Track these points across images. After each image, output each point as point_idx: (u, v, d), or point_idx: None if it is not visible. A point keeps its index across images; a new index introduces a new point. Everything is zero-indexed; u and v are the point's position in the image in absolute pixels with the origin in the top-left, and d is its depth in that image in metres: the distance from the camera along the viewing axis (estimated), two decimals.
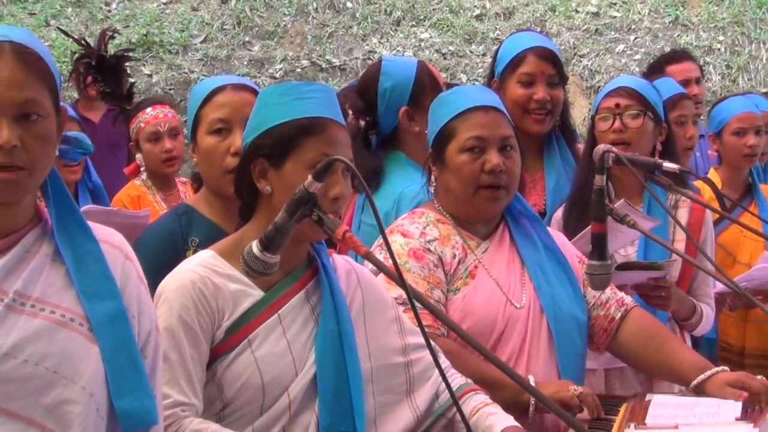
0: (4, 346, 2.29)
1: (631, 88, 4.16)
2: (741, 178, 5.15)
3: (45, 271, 2.41)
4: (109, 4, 11.67)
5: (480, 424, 2.90)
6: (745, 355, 4.85)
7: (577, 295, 3.51)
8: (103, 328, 2.39)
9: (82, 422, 2.34)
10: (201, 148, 3.40)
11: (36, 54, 2.38)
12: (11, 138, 2.28)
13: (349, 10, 11.72)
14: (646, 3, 11.72)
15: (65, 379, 2.33)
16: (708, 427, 2.83)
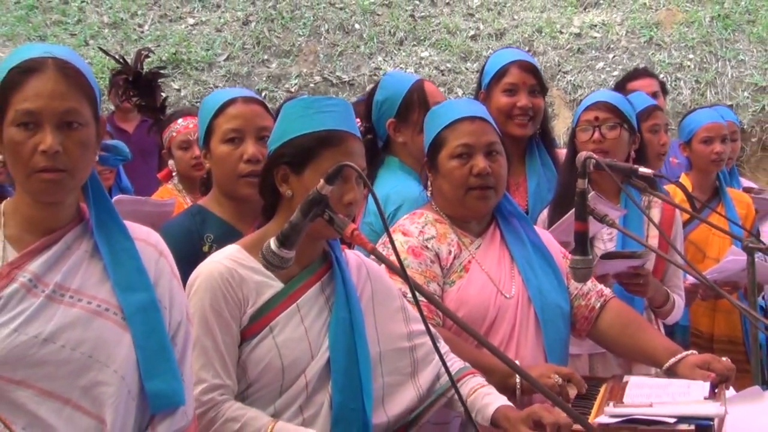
0: (44, 332, 2.31)
1: (608, 103, 4.18)
2: (709, 182, 5.16)
3: (84, 266, 2.42)
4: (142, 26, 11.66)
5: (477, 403, 2.90)
6: (714, 340, 4.85)
7: (561, 287, 3.52)
8: (135, 317, 2.40)
9: (114, 402, 2.35)
10: (215, 155, 3.40)
11: (76, 68, 2.39)
12: (54, 144, 2.30)
13: (357, 31, 11.71)
14: (623, 25, 11.70)
15: (99, 363, 2.35)
16: (679, 405, 2.83)
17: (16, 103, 2.33)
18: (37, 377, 2.32)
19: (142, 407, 2.42)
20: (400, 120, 4.07)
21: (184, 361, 2.51)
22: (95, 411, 2.35)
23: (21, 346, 2.30)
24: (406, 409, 2.97)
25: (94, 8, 12.06)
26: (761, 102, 10.69)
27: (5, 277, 2.34)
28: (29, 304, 2.34)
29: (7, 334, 2.30)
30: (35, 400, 2.31)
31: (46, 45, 2.48)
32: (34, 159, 2.31)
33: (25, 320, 2.32)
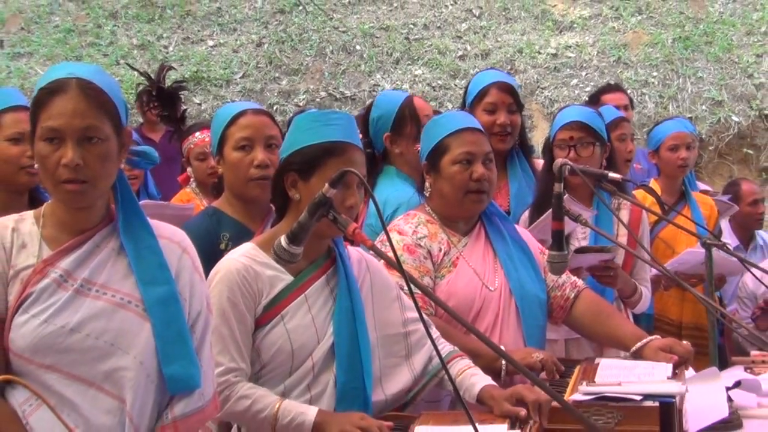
0: (71, 323, 2.33)
1: (582, 122, 4.16)
2: (676, 186, 5.16)
3: (110, 262, 2.43)
4: (167, 47, 11.66)
5: (464, 383, 2.91)
6: (682, 327, 4.86)
7: (539, 279, 3.52)
8: (155, 308, 2.40)
9: (134, 385, 2.36)
10: (228, 161, 3.41)
11: (98, 88, 2.39)
12: (75, 158, 2.31)
13: (358, 52, 11.71)
14: (595, 46, 11.70)
15: (120, 350, 2.36)
16: (645, 384, 2.83)
17: (42, 120, 2.34)
18: (64, 363, 2.33)
19: (161, 389, 2.42)
20: (395, 133, 4.11)
21: (203, 347, 2.51)
22: (116, 393, 2.36)
23: (50, 336, 2.32)
24: (402, 389, 2.98)
25: (125, 32, 12.07)
26: (717, 115, 10.69)
27: (39, 273, 2.35)
28: (59, 297, 2.35)
29: (37, 324, 2.31)
30: (63, 382, 2.33)
31: (73, 65, 2.46)
32: (59, 171, 2.32)
33: (54, 312, 2.33)
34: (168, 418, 2.41)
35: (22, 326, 2.31)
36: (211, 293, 2.74)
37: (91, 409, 2.33)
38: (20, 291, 2.34)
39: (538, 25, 12.29)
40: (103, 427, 2.33)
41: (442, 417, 2.75)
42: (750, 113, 10.85)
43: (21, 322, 2.31)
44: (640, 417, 2.65)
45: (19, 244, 2.39)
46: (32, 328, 2.31)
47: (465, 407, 2.19)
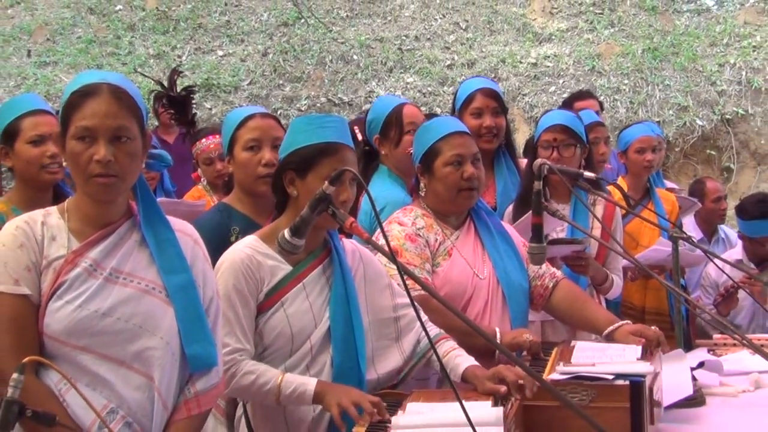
0: (103, 308, 2.34)
1: (564, 125, 4.17)
2: (641, 184, 5.15)
3: (134, 253, 2.45)
4: (180, 57, 11.65)
5: (450, 363, 2.91)
6: (645, 312, 4.86)
7: (522, 269, 3.53)
8: (177, 294, 2.43)
9: (161, 363, 2.38)
10: (237, 161, 3.41)
11: (126, 92, 2.41)
12: (107, 155, 2.32)
13: (355, 61, 11.71)
14: (571, 56, 11.71)
15: (148, 332, 2.38)
16: (616, 365, 2.83)
17: (76, 121, 2.35)
18: (97, 344, 2.34)
19: (183, 367, 2.45)
20: (382, 136, 4.11)
21: (216, 329, 2.54)
22: (145, 370, 2.38)
23: (84, 320, 2.33)
24: (393, 369, 2.98)
25: (142, 42, 12.06)
26: (683, 119, 10.71)
27: (70, 263, 2.36)
28: (90, 284, 2.36)
29: (72, 309, 2.33)
30: (96, 362, 2.34)
31: (102, 72, 2.51)
32: (91, 166, 2.34)
33: (87, 298, 2.34)
34: (191, 393, 2.45)
35: (57, 312, 2.32)
36: (218, 281, 2.75)
37: (122, 386, 2.35)
38: (53, 280, 2.35)
39: (519, 37, 12.30)
40: (134, 401, 2.36)
41: (432, 394, 2.74)
42: (713, 117, 10.87)
43: (56, 308, 2.33)
44: (612, 395, 2.65)
45: (50, 237, 2.39)
46: (67, 313, 2.32)
47: (452, 386, 2.19)
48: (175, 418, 2.42)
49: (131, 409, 2.35)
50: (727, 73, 11.31)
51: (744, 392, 3.51)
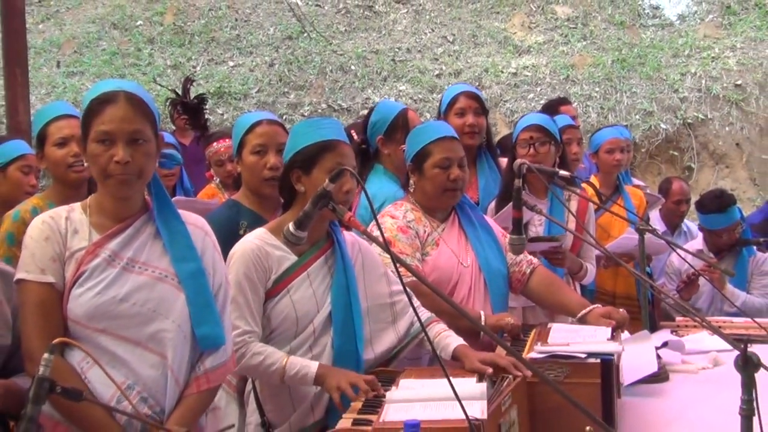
0: (120, 294, 2.35)
1: (539, 125, 4.18)
2: (612, 181, 5.15)
3: (149, 244, 2.45)
4: (195, 67, 11.65)
5: (441, 343, 2.90)
6: (615, 296, 4.86)
7: (502, 258, 3.52)
8: (187, 281, 2.43)
9: (173, 344, 2.38)
10: (245, 163, 3.39)
11: (140, 99, 2.42)
12: (125, 156, 2.34)
13: (352, 71, 11.71)
14: (548, 66, 11.72)
15: (161, 316, 2.38)
16: (588, 344, 2.82)
17: (96, 125, 2.35)
18: (115, 327, 2.34)
19: (194, 347, 2.45)
20: (386, 137, 4.08)
21: (224, 312, 2.54)
22: (159, 350, 2.38)
23: (103, 305, 2.33)
24: (388, 348, 2.98)
25: (160, 54, 12.05)
26: (649, 123, 10.73)
27: (91, 254, 2.37)
28: (109, 273, 2.36)
29: (92, 296, 2.33)
30: (114, 343, 2.34)
31: (118, 81, 2.52)
32: (110, 166, 2.34)
33: (105, 285, 2.35)
34: (201, 370, 2.45)
35: (78, 297, 2.33)
36: (230, 269, 2.76)
37: (139, 364, 2.35)
38: (75, 269, 2.35)
39: (501, 49, 12.31)
40: (149, 378, 2.36)
41: (422, 372, 2.74)
42: (675, 122, 10.89)
43: (78, 294, 2.33)
44: (585, 371, 2.64)
45: (72, 230, 2.40)
46: (88, 298, 2.32)
47: (441, 364, 2.19)
48: (187, 393, 2.42)
49: (147, 386, 2.36)
50: (689, 81, 11.33)
51: (704, 369, 3.52)
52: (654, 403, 3.09)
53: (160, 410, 2.37)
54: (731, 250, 5.26)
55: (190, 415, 2.40)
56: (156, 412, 2.36)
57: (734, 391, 2.09)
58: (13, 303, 2.51)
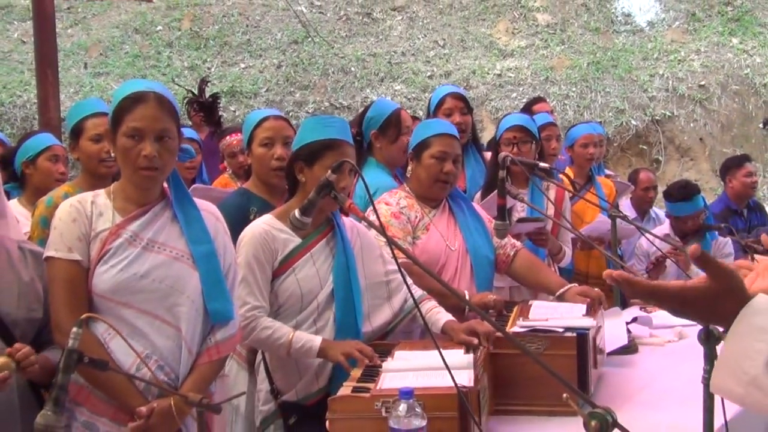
0: (141, 271, 2.36)
1: (522, 126, 4.17)
2: (585, 173, 5.14)
3: (167, 227, 2.46)
4: (210, 69, 11.64)
5: (431, 318, 2.89)
6: (589, 276, 4.85)
7: (488, 242, 3.50)
8: (201, 261, 2.44)
9: (188, 317, 2.40)
10: (255, 155, 3.40)
11: (168, 100, 2.43)
12: (153, 151, 2.35)
13: (352, 72, 11.69)
14: (529, 68, 11.71)
15: (177, 291, 2.39)
16: (566, 320, 2.82)
17: (127, 121, 2.36)
18: (136, 301, 2.35)
19: (206, 321, 2.46)
20: (380, 132, 4.04)
21: (233, 290, 2.55)
22: (175, 323, 2.39)
23: (125, 281, 2.34)
24: (384, 322, 2.97)
25: (178, 57, 12.03)
26: (620, 119, 10.75)
27: (114, 234, 2.38)
28: (130, 252, 2.37)
29: (115, 272, 2.34)
30: (134, 316, 2.35)
31: (146, 81, 2.52)
32: (138, 160, 2.35)
33: (127, 263, 2.36)
34: (212, 341, 2.46)
35: (103, 274, 2.33)
36: (240, 250, 2.76)
37: (156, 336, 2.36)
38: (100, 248, 2.36)
39: (486, 53, 12.30)
40: (166, 349, 2.37)
41: (415, 344, 2.74)
42: (645, 119, 10.92)
43: (102, 271, 2.34)
44: (562, 344, 2.64)
45: (97, 213, 2.40)
46: (112, 275, 2.33)
47: (432, 337, 2.19)
48: (199, 362, 2.43)
49: (163, 355, 2.37)
50: (657, 82, 11.35)
51: (669, 342, 3.53)
52: (624, 372, 3.10)
53: (175, 377, 2.38)
54: (695, 235, 5.26)
55: (202, 382, 2.41)
56: (171, 379, 2.37)
57: (697, 362, 2.09)
58: (44, 280, 2.52)
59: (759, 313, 1.17)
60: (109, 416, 2.34)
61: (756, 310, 1.18)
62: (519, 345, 1.76)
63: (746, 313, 1.18)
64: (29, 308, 2.48)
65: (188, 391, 2.24)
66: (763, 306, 1.18)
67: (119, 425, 2.32)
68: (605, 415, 1.39)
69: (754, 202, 6.27)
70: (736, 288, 1.22)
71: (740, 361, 1.17)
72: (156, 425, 2.27)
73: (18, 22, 12.80)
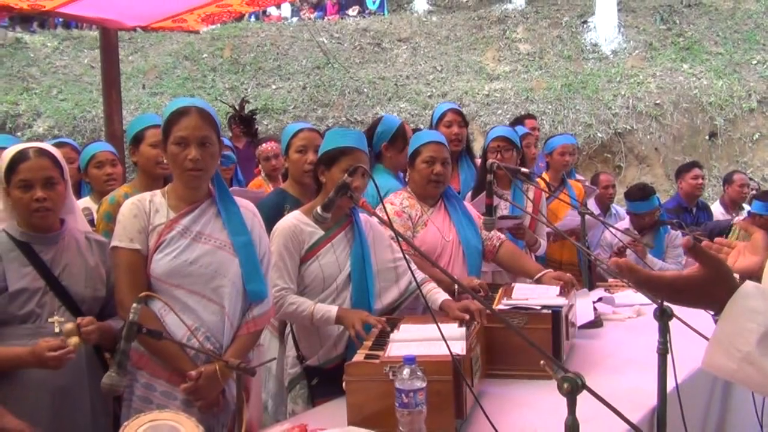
0: (190, 258, 2.36)
1: (505, 136, 4.14)
2: (559, 176, 5.12)
3: (212, 221, 2.45)
4: (246, 89, 11.66)
5: (431, 298, 2.87)
6: (562, 263, 4.84)
7: (477, 235, 3.47)
8: (240, 249, 2.42)
9: (229, 297, 2.38)
10: (291, 160, 3.39)
11: (208, 112, 2.42)
12: (197, 155, 2.35)
13: (365, 93, 11.69)
14: (512, 90, 11.68)
15: (221, 275, 2.38)
16: (542, 299, 2.81)
17: (175, 132, 2.36)
18: (186, 283, 2.35)
19: (244, 299, 2.45)
20: (390, 144, 4.02)
21: (267, 274, 2.53)
22: (219, 301, 2.38)
23: (177, 266, 2.33)
24: (392, 301, 2.95)
25: (220, 79, 12.04)
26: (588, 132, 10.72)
27: (168, 228, 2.38)
28: (182, 242, 2.37)
29: (169, 259, 2.34)
30: (185, 295, 2.35)
31: (191, 99, 2.53)
32: (185, 163, 2.35)
33: (179, 252, 2.35)
34: (250, 317, 2.45)
35: (159, 261, 2.33)
36: (273, 241, 2.74)
37: (203, 312, 2.35)
38: (156, 239, 2.36)
39: (476, 77, 12.27)
40: (211, 323, 2.36)
41: (417, 319, 2.73)
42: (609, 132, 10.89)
43: (158, 258, 2.33)
44: (540, 320, 2.64)
45: (154, 210, 2.40)
46: (166, 261, 2.33)
47: (432, 313, 2.18)
48: (239, 333, 2.42)
49: (209, 328, 2.36)
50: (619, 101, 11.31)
51: (629, 318, 3.52)
52: (591, 343, 3.09)
53: (219, 346, 2.37)
54: (651, 229, 5.24)
55: (242, 350, 2.41)
56: (216, 347, 2.36)
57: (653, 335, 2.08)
58: (107, 266, 2.52)
59: (750, 297, 1.14)
60: (165, 378, 2.34)
61: (747, 294, 1.14)
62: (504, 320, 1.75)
63: (738, 296, 1.15)
64: (94, 288, 2.48)
65: (230, 358, 2.25)
66: (753, 291, 1.15)
67: (173, 386, 2.32)
68: (576, 378, 1.38)
69: (701, 202, 6.25)
70: (725, 276, 1.18)
71: (733, 340, 1.13)
72: (204, 386, 2.28)
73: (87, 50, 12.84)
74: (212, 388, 2.31)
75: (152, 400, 2.33)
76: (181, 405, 2.28)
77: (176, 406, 2.27)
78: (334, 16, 14.73)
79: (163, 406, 2.26)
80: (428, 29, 13.58)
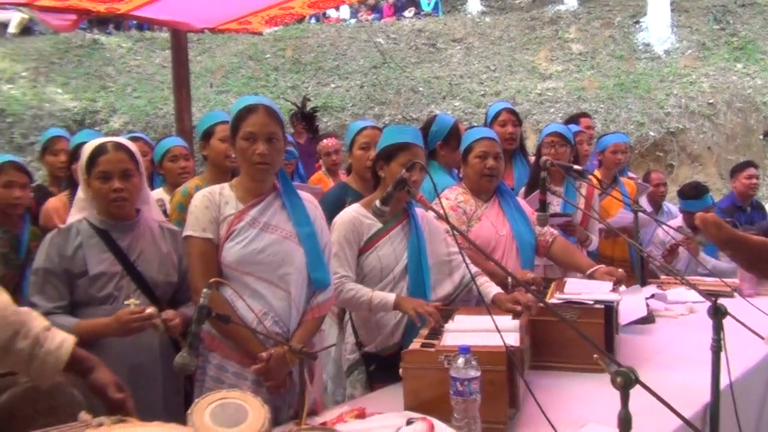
0: (259, 247, 2.38)
1: (560, 132, 4.10)
2: (611, 174, 5.02)
3: (278, 213, 2.47)
4: (307, 88, 11.75)
5: (484, 290, 2.85)
6: (614, 259, 4.75)
7: (530, 230, 3.43)
8: (304, 239, 2.44)
9: (295, 284, 2.41)
10: (355, 156, 3.44)
11: (273, 110, 2.45)
12: (264, 150, 2.37)
13: (420, 91, 11.66)
14: (565, 88, 11.49)
15: (287, 263, 2.41)
16: (595, 294, 2.77)
17: (244, 127, 2.38)
18: (255, 270, 2.38)
19: (309, 286, 2.47)
20: (444, 142, 4.01)
21: (329, 263, 2.55)
22: (285, 287, 2.41)
23: (247, 255, 2.37)
24: (447, 293, 2.95)
25: (282, 78, 12.18)
26: (641, 131, 10.47)
27: (237, 218, 2.41)
28: (250, 232, 2.39)
29: (239, 248, 2.37)
30: (255, 282, 2.38)
31: (257, 96, 2.54)
32: (253, 157, 2.38)
33: (248, 241, 2.38)
34: (314, 303, 2.47)
35: (230, 249, 2.37)
36: (333, 232, 2.76)
37: (272, 298, 2.38)
38: (227, 229, 2.39)
39: (529, 76, 12.11)
40: (279, 308, 2.38)
41: (471, 310, 2.72)
42: (661, 131, 10.62)
43: (229, 247, 2.37)
44: (592, 314, 2.60)
45: (224, 202, 2.44)
46: (237, 250, 2.36)
47: (486, 305, 2.17)
48: (304, 318, 2.44)
49: (277, 313, 2.39)
50: (672, 100, 11.02)
51: (682, 315, 3.44)
52: (644, 339, 3.03)
53: (286, 331, 2.40)
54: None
55: (307, 334, 2.43)
56: (283, 332, 2.39)
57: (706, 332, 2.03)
58: (179, 253, 2.58)
59: None
60: (236, 360, 2.38)
61: None
62: (557, 313, 1.73)
63: None
64: (167, 274, 2.55)
65: (297, 342, 2.27)
66: None
67: (244, 367, 2.36)
68: (629, 373, 1.36)
69: (756, 202, 6.04)
70: None
71: None
72: (273, 368, 2.31)
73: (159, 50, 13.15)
74: (281, 370, 2.34)
75: (224, 380, 2.37)
76: (252, 385, 2.32)
77: (247, 387, 2.31)
78: (390, 18, 14.72)
79: (234, 386, 2.30)
80: (482, 30, 13.46)
